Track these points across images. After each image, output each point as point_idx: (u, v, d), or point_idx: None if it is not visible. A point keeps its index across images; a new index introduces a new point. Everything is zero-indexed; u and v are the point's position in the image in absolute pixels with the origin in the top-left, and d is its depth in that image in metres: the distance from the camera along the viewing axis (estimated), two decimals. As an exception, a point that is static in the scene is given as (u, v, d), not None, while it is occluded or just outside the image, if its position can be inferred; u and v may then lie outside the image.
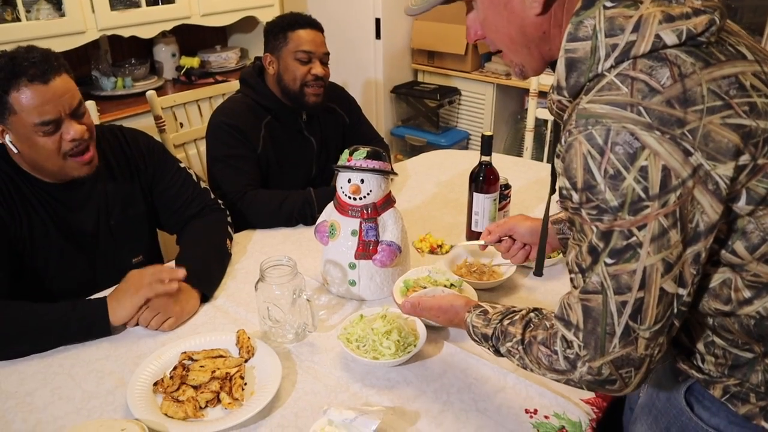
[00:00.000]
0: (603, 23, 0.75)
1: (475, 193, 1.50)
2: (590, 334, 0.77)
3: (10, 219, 1.30)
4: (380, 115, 3.53)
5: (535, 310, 0.93)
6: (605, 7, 0.75)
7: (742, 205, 0.74)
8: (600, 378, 0.79)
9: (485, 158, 1.47)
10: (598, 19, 0.75)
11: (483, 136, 1.46)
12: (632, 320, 0.75)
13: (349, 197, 1.29)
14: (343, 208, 1.32)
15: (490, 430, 0.98)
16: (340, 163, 1.30)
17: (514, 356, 0.90)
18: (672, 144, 0.69)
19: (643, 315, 0.74)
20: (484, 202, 1.49)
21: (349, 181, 1.28)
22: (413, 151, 3.35)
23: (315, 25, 1.83)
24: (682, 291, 0.75)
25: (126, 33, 2.44)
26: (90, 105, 1.89)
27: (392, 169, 1.34)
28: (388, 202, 1.33)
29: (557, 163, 0.78)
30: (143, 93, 2.06)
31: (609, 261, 0.74)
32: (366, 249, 1.30)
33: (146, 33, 2.51)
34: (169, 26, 2.62)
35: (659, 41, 0.72)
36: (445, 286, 1.25)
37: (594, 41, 0.75)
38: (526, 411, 1.02)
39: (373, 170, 1.27)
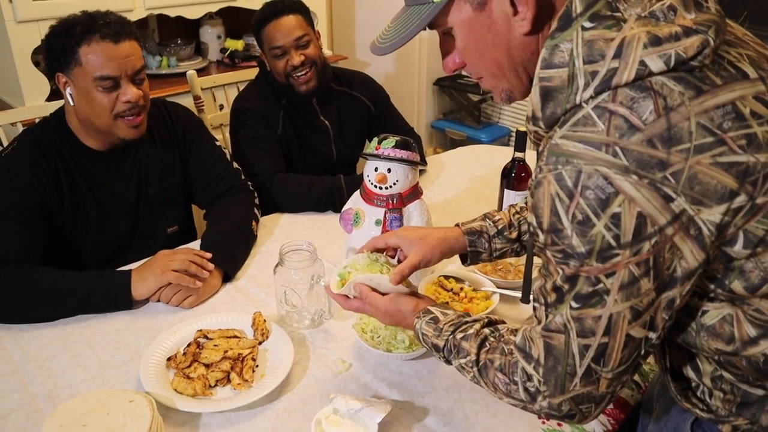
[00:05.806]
0: (581, 47, 0.67)
1: (506, 190, 1.46)
2: (550, 372, 0.74)
3: (52, 188, 1.34)
4: (421, 108, 3.49)
5: (489, 324, 0.88)
6: (584, 28, 0.67)
7: (738, 249, 0.67)
8: (560, 413, 0.76)
9: (519, 154, 1.44)
10: (575, 42, 0.67)
11: (517, 132, 1.42)
12: (595, 363, 0.71)
13: (375, 186, 1.27)
14: (368, 197, 1.30)
15: (500, 433, 0.95)
16: (367, 150, 1.29)
17: (468, 374, 0.86)
18: (651, 189, 0.62)
19: (606, 359, 0.70)
20: (514, 199, 1.45)
21: (376, 169, 1.26)
22: (453, 145, 3.30)
23: (283, 11, 1.73)
24: (651, 335, 0.70)
25: (172, 13, 2.48)
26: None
27: (422, 160, 1.31)
28: (414, 193, 1.31)
29: (528, 196, 0.72)
30: (186, 73, 2.09)
31: (574, 305, 0.70)
32: (389, 239, 1.28)
33: (192, 13, 2.55)
34: (214, 8, 2.65)
35: (644, 68, 0.64)
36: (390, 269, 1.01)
37: (571, 68, 0.67)
38: (539, 416, 0.98)
39: (400, 160, 1.25)
